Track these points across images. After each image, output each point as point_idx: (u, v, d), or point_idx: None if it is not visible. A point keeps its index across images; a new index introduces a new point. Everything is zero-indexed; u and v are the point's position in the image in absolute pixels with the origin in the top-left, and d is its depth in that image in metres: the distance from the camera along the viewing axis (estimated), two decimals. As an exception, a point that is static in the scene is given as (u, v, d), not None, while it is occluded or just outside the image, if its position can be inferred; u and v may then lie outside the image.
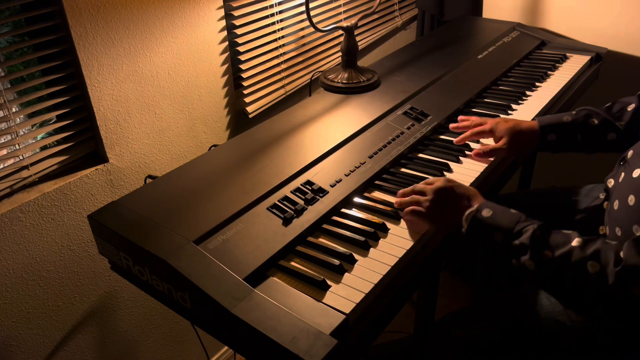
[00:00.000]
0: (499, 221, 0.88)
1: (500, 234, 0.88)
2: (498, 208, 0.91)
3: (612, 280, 0.77)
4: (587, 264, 0.80)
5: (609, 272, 0.78)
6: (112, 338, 1.40)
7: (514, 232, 0.87)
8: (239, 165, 1.08)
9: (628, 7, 1.79)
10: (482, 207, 0.91)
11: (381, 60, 1.59)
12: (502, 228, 0.88)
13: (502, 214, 0.89)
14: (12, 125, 1.08)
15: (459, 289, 2.07)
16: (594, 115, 1.18)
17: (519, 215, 0.89)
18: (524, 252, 0.85)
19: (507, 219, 0.88)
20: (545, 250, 0.83)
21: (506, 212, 0.90)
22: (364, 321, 0.81)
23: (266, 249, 0.87)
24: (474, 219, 0.90)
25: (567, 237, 0.85)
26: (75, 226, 1.23)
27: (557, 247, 0.83)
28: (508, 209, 0.91)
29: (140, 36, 1.21)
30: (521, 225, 0.87)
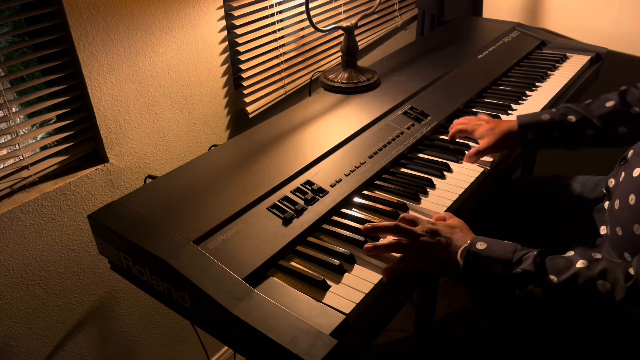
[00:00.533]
0: (495, 253, 0.84)
1: (498, 265, 0.83)
2: (491, 240, 0.87)
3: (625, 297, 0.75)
4: (596, 283, 0.78)
5: (620, 289, 0.76)
6: (112, 338, 1.40)
7: (513, 261, 0.83)
8: (239, 165, 1.08)
9: (628, 7, 1.79)
10: (475, 240, 0.87)
11: (381, 60, 1.59)
12: (499, 259, 0.83)
13: (496, 245, 0.85)
14: (12, 125, 1.08)
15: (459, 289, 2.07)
16: (572, 113, 1.18)
17: (514, 245, 0.85)
18: (528, 280, 0.81)
19: (503, 249, 0.84)
20: (550, 275, 0.80)
21: (500, 243, 0.86)
22: (364, 321, 0.81)
23: (266, 249, 0.87)
24: (469, 253, 0.85)
25: (570, 260, 0.82)
26: (75, 226, 1.23)
27: (561, 272, 0.80)
28: (501, 240, 0.87)
29: (140, 36, 1.21)
30: (519, 253, 0.84)
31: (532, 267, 0.81)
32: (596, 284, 0.78)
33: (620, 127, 1.15)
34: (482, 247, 0.85)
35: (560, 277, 0.80)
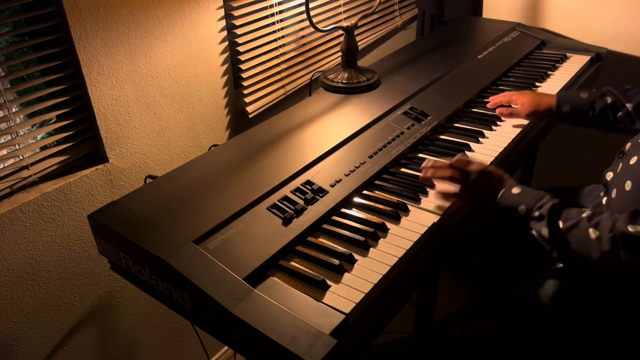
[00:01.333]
0: (525, 197, 1.00)
1: (524, 207, 0.99)
2: (527, 188, 1.03)
3: (606, 244, 0.87)
4: (589, 230, 0.90)
5: (605, 238, 0.88)
6: (112, 338, 1.40)
7: (536, 206, 0.98)
8: (239, 165, 1.08)
9: (628, 7, 1.79)
10: (514, 185, 1.04)
11: (381, 60, 1.59)
12: (526, 203, 0.99)
13: (529, 192, 1.01)
14: (12, 125, 1.08)
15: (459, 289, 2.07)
16: (609, 94, 1.26)
17: (544, 194, 1.00)
18: (542, 222, 0.96)
19: (533, 196, 1.00)
20: (559, 220, 0.94)
21: (534, 191, 1.02)
22: (363, 321, 0.81)
23: (266, 249, 0.87)
24: (504, 194, 1.02)
25: (580, 212, 0.95)
26: (75, 226, 1.23)
27: (570, 219, 0.93)
28: (536, 189, 1.02)
29: (140, 36, 1.21)
30: (543, 201, 0.98)
31: (547, 213, 0.95)
32: (589, 231, 0.90)
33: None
34: (517, 192, 1.02)
35: (566, 224, 0.93)
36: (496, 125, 1.31)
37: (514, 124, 1.31)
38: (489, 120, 1.32)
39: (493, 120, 1.32)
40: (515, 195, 1.01)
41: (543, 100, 1.31)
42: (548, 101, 1.30)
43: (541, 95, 1.33)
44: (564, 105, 1.29)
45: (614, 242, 0.87)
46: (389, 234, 0.95)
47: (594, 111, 1.26)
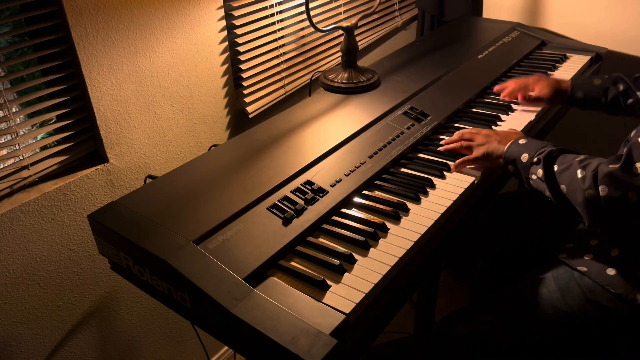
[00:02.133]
0: (529, 146, 1.08)
1: (527, 154, 1.06)
2: (533, 140, 1.10)
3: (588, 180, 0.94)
4: (577, 170, 0.97)
5: (587, 176, 0.95)
6: (112, 338, 1.40)
7: (537, 152, 1.05)
8: (239, 165, 1.08)
9: (628, 7, 1.79)
10: (520, 137, 1.11)
11: (381, 60, 1.59)
12: (528, 151, 1.07)
13: (534, 142, 1.08)
14: (12, 125, 1.08)
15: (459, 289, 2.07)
16: (621, 82, 1.31)
17: (546, 143, 1.07)
18: (539, 166, 1.03)
19: (536, 145, 1.07)
20: (554, 165, 1.02)
21: (538, 142, 1.09)
22: (363, 321, 0.81)
23: (266, 249, 0.87)
24: (511, 145, 1.10)
25: (576, 156, 1.01)
26: (75, 226, 1.23)
27: (564, 163, 1.00)
28: (542, 141, 1.09)
29: (140, 36, 1.21)
30: (544, 148, 1.05)
31: (544, 157, 1.03)
32: (577, 171, 0.97)
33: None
34: (523, 142, 1.09)
35: (560, 167, 1.01)
36: (496, 125, 1.31)
37: (514, 123, 1.31)
38: (489, 120, 1.32)
39: (493, 120, 1.32)
40: (520, 145, 1.09)
41: (560, 86, 1.36)
42: (564, 86, 1.36)
43: (557, 80, 1.38)
44: (578, 92, 1.35)
45: (594, 178, 0.94)
46: (389, 234, 0.95)
47: (606, 98, 1.32)
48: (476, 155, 1.12)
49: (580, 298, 1.07)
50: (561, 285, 1.10)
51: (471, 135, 1.17)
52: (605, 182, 0.92)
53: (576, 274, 1.09)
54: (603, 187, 0.92)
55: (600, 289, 1.05)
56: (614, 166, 0.92)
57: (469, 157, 1.12)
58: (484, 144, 1.13)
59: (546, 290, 1.11)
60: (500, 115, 1.34)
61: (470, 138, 1.16)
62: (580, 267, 1.09)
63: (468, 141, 1.16)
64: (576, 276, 1.09)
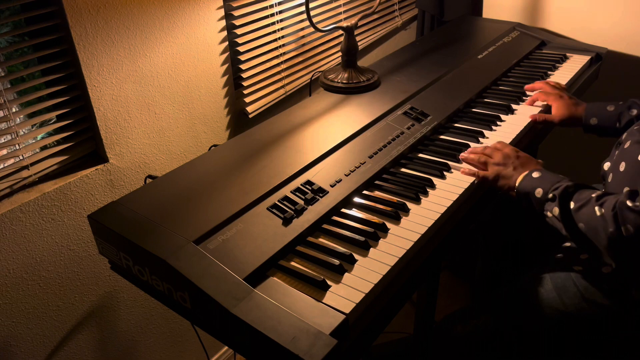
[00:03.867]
0: (543, 181, 1.04)
1: (541, 189, 1.03)
2: (548, 173, 1.07)
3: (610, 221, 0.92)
4: (595, 208, 0.95)
5: (607, 215, 0.92)
6: (112, 338, 1.40)
7: (552, 188, 1.02)
8: (239, 165, 1.08)
9: (628, 8, 1.79)
10: (535, 170, 1.08)
11: (381, 60, 1.59)
12: (543, 185, 1.04)
13: (548, 177, 1.05)
14: (12, 125, 1.08)
15: (459, 289, 2.07)
16: (635, 107, 1.28)
17: (562, 178, 1.04)
18: (554, 202, 1.00)
19: (551, 179, 1.04)
20: (571, 202, 0.99)
21: (553, 175, 1.06)
22: (363, 321, 0.81)
23: (266, 249, 0.87)
24: (525, 178, 1.07)
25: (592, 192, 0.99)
26: (75, 226, 1.23)
27: (580, 200, 0.98)
28: (556, 174, 1.06)
29: (140, 36, 1.21)
30: (560, 184, 1.02)
31: (560, 193, 1.00)
32: (595, 209, 0.94)
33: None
34: (537, 176, 1.06)
35: (576, 205, 0.98)
36: (496, 125, 1.31)
37: (514, 124, 1.31)
38: (489, 120, 1.32)
39: (493, 120, 1.32)
40: (535, 179, 1.05)
41: (576, 110, 1.33)
42: (579, 111, 1.33)
43: (575, 104, 1.34)
44: (592, 118, 1.32)
45: (615, 218, 0.91)
46: (389, 234, 0.95)
47: (620, 123, 1.29)
48: (487, 175, 1.10)
49: (576, 297, 1.07)
50: (558, 284, 1.10)
51: (492, 151, 1.13)
52: (627, 221, 0.90)
53: (572, 274, 1.09)
54: (626, 226, 0.90)
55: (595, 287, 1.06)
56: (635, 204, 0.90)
57: (480, 174, 1.10)
58: (499, 164, 1.10)
59: (543, 290, 1.11)
60: (500, 115, 1.34)
61: (490, 154, 1.13)
62: (576, 267, 1.09)
63: (487, 156, 1.13)
64: (572, 275, 1.09)
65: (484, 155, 1.12)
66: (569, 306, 1.08)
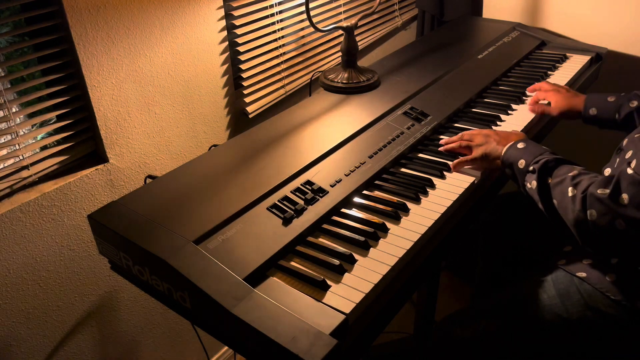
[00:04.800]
0: (526, 152, 1.06)
1: (523, 161, 1.05)
2: (531, 143, 1.08)
3: (577, 203, 0.93)
4: (569, 188, 0.96)
5: (577, 197, 0.94)
6: (112, 338, 1.40)
7: (534, 160, 1.03)
8: (239, 165, 1.08)
9: (628, 7, 1.79)
10: (519, 140, 1.10)
11: (381, 60, 1.59)
12: (526, 157, 1.05)
13: (532, 148, 1.06)
14: (12, 125, 1.08)
15: (459, 289, 2.07)
16: (635, 98, 1.27)
17: (545, 150, 1.05)
18: (533, 176, 1.02)
19: (534, 151, 1.05)
20: (548, 177, 1.00)
21: (536, 147, 1.07)
22: (363, 321, 0.81)
23: (266, 249, 0.87)
24: (510, 148, 1.09)
25: (571, 169, 0.99)
26: (75, 226, 1.23)
27: (558, 176, 0.99)
28: (541, 146, 1.07)
29: (140, 36, 1.21)
30: (541, 157, 1.03)
31: (540, 167, 1.01)
32: (568, 189, 0.96)
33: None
34: (521, 146, 1.08)
35: (554, 180, 0.99)
36: (496, 125, 1.31)
37: (514, 124, 1.31)
38: (489, 120, 1.32)
39: (493, 120, 1.32)
40: (519, 149, 1.07)
41: (575, 101, 1.33)
42: (578, 102, 1.33)
43: (574, 96, 1.35)
44: (591, 109, 1.31)
45: (583, 201, 0.93)
46: (389, 234, 0.95)
47: (620, 115, 1.28)
48: (474, 155, 1.12)
49: (579, 304, 1.06)
50: (561, 290, 1.09)
51: (471, 135, 1.16)
52: (593, 207, 0.91)
53: (576, 280, 1.09)
54: (591, 211, 0.92)
55: (599, 295, 1.05)
56: (603, 192, 0.91)
57: (468, 157, 1.12)
58: (482, 144, 1.12)
59: (546, 296, 1.11)
60: (500, 115, 1.34)
61: (469, 138, 1.15)
62: (580, 273, 1.09)
63: (467, 141, 1.15)
64: (576, 282, 1.09)
65: (464, 141, 1.15)
66: (572, 314, 1.07)
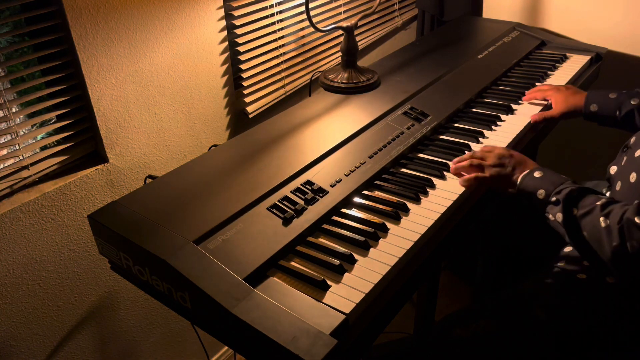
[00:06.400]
0: (546, 181, 1.02)
1: (543, 191, 1.01)
2: (549, 172, 1.04)
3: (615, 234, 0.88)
4: (600, 219, 0.91)
5: (614, 228, 0.89)
6: (112, 338, 1.40)
7: (555, 191, 0.99)
8: (239, 165, 1.08)
9: (628, 7, 1.79)
10: (535, 169, 1.05)
11: (381, 60, 1.59)
12: (546, 187, 1.01)
13: (551, 177, 1.02)
14: (12, 125, 1.08)
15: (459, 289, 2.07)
16: (637, 96, 1.26)
17: (564, 179, 1.01)
18: (557, 206, 0.97)
19: (553, 180, 1.01)
20: (574, 208, 0.96)
21: (555, 175, 1.03)
22: (364, 321, 0.81)
23: (266, 249, 0.87)
24: (526, 176, 1.04)
25: (597, 198, 0.95)
26: (75, 226, 1.23)
27: (585, 206, 0.94)
28: (559, 174, 1.03)
29: (140, 36, 1.21)
30: (563, 186, 0.99)
31: (564, 198, 0.97)
32: (600, 220, 0.91)
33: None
34: (538, 175, 1.03)
35: (580, 211, 0.95)
36: (496, 125, 1.31)
37: (514, 124, 1.31)
38: (489, 120, 1.32)
39: (493, 120, 1.32)
40: (536, 178, 1.03)
41: (575, 99, 1.33)
42: (579, 100, 1.32)
43: (574, 94, 1.34)
44: (592, 105, 1.30)
45: (621, 232, 0.88)
46: (389, 234, 0.95)
47: (620, 112, 1.27)
48: (486, 175, 1.07)
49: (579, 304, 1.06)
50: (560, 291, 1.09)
51: (483, 153, 1.11)
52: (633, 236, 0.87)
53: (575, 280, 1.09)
54: (632, 242, 0.87)
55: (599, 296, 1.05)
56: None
57: (479, 176, 1.07)
58: (496, 165, 1.08)
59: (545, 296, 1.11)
60: (500, 115, 1.34)
61: (482, 156, 1.11)
62: (580, 275, 1.09)
63: (479, 159, 1.10)
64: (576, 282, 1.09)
65: (476, 159, 1.10)
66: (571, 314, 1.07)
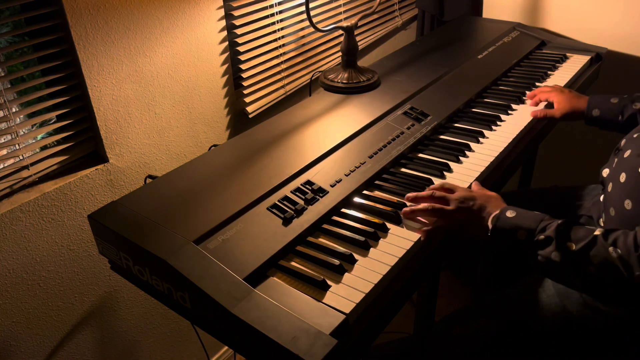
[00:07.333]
0: (522, 220, 0.92)
1: (524, 231, 0.90)
2: (521, 210, 0.94)
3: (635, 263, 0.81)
4: (609, 249, 0.84)
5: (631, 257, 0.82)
6: (112, 338, 1.40)
7: (538, 229, 0.90)
8: (239, 165, 1.08)
9: (628, 8, 1.79)
10: (506, 209, 0.94)
11: (381, 60, 1.59)
12: (525, 227, 0.91)
13: (525, 215, 0.93)
14: (12, 125, 1.08)
15: (459, 289, 2.07)
16: (638, 100, 1.25)
17: (542, 215, 0.92)
18: (549, 245, 0.88)
19: (531, 218, 0.92)
20: (568, 242, 0.87)
21: (529, 213, 0.93)
22: (364, 321, 0.81)
23: (266, 249, 0.87)
24: (499, 220, 0.93)
25: (590, 230, 0.88)
26: (75, 226, 1.23)
27: (581, 239, 0.87)
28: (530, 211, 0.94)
29: (140, 36, 1.21)
30: (545, 223, 0.90)
31: (554, 234, 0.87)
32: (609, 250, 0.84)
33: None
34: (512, 215, 0.92)
35: (579, 245, 0.86)
36: (496, 125, 1.31)
37: (514, 124, 1.31)
38: (489, 120, 1.32)
39: (493, 120, 1.32)
40: (510, 218, 0.92)
41: (578, 102, 1.32)
42: (581, 104, 1.32)
43: (576, 97, 1.34)
44: (594, 110, 1.30)
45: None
46: (389, 234, 0.95)
47: (622, 116, 1.26)
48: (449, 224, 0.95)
49: (579, 303, 1.06)
50: (560, 290, 1.09)
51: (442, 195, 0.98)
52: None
53: None
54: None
55: None
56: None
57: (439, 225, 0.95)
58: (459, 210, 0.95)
59: (545, 295, 1.11)
60: (501, 115, 1.34)
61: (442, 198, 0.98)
62: None
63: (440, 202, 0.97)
64: None
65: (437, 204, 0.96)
66: (571, 312, 1.07)
